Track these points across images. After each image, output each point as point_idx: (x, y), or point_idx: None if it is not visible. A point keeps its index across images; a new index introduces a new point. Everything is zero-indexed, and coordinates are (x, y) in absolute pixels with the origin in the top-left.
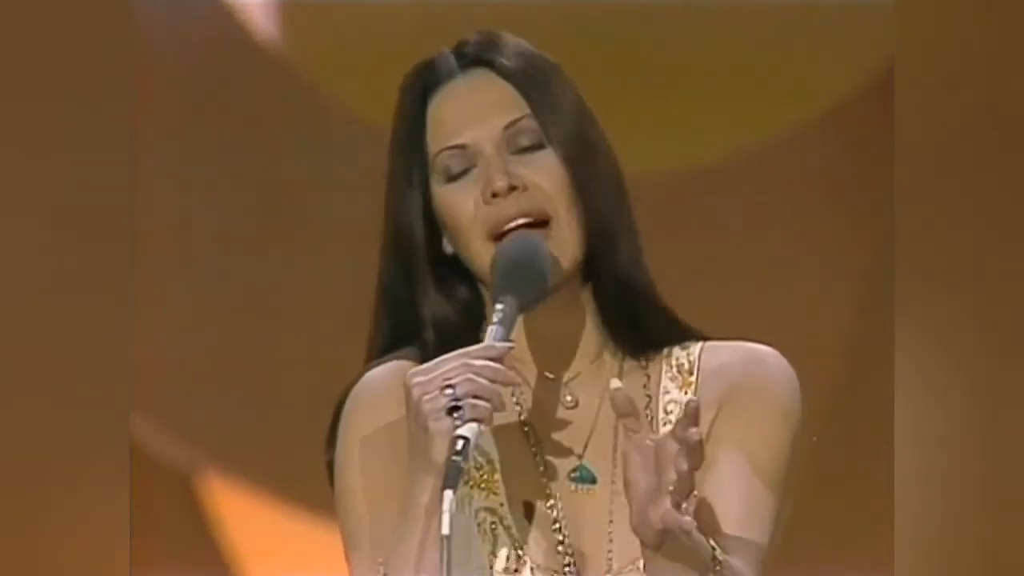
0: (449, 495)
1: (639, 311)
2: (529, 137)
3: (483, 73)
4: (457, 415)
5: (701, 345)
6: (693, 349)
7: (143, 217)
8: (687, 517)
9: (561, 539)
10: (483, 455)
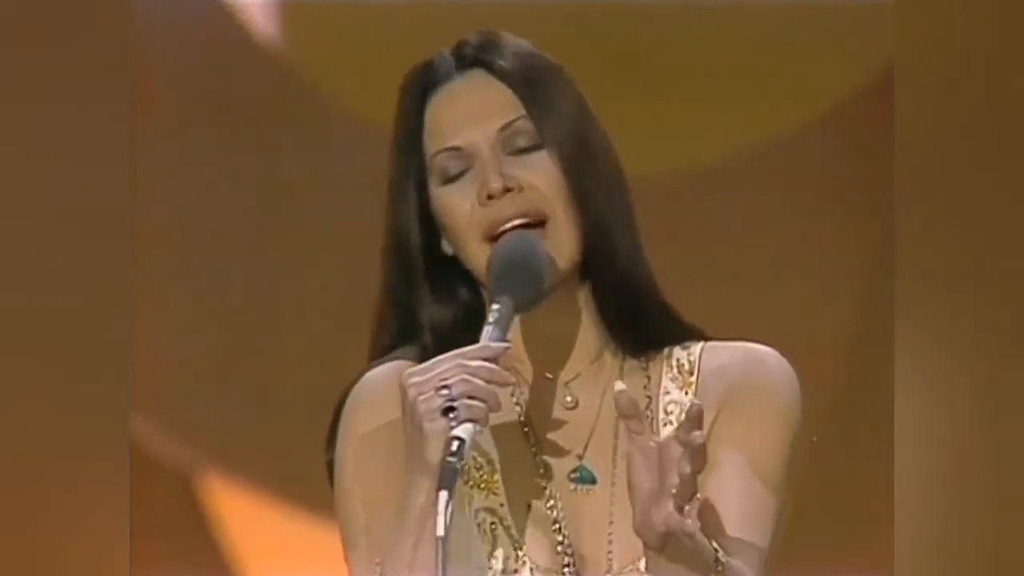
0: (444, 496)
1: (639, 311)
2: (526, 138)
3: (480, 75)
4: (452, 416)
5: (702, 345)
6: (694, 349)
7: (143, 217)
8: (690, 520)
9: (561, 539)
10: (483, 455)
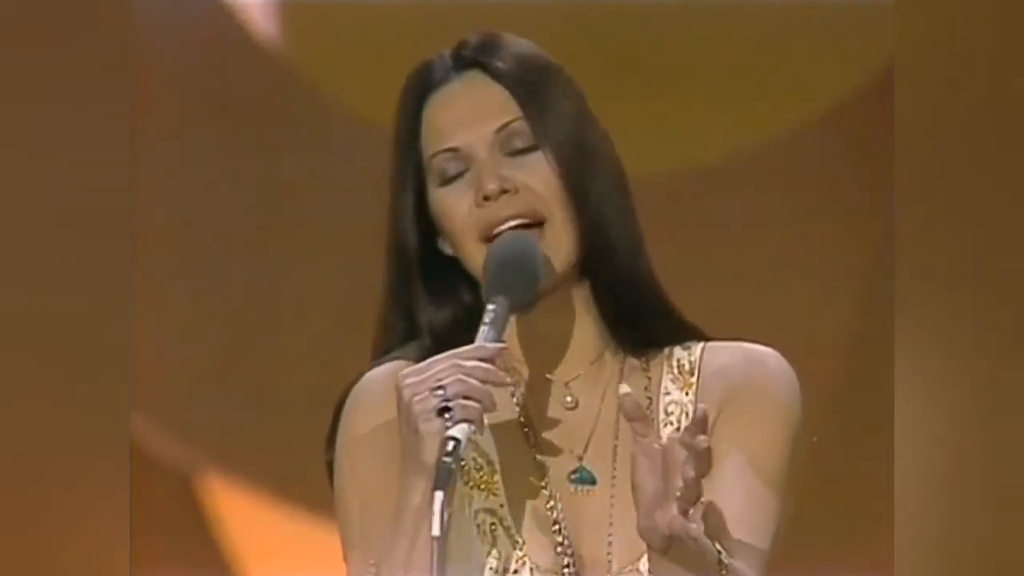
0: (439, 496)
1: (640, 310)
2: (522, 140)
3: (477, 76)
4: (448, 416)
5: (702, 346)
6: (694, 349)
7: (143, 217)
8: (694, 524)
9: (561, 540)
10: (483, 456)
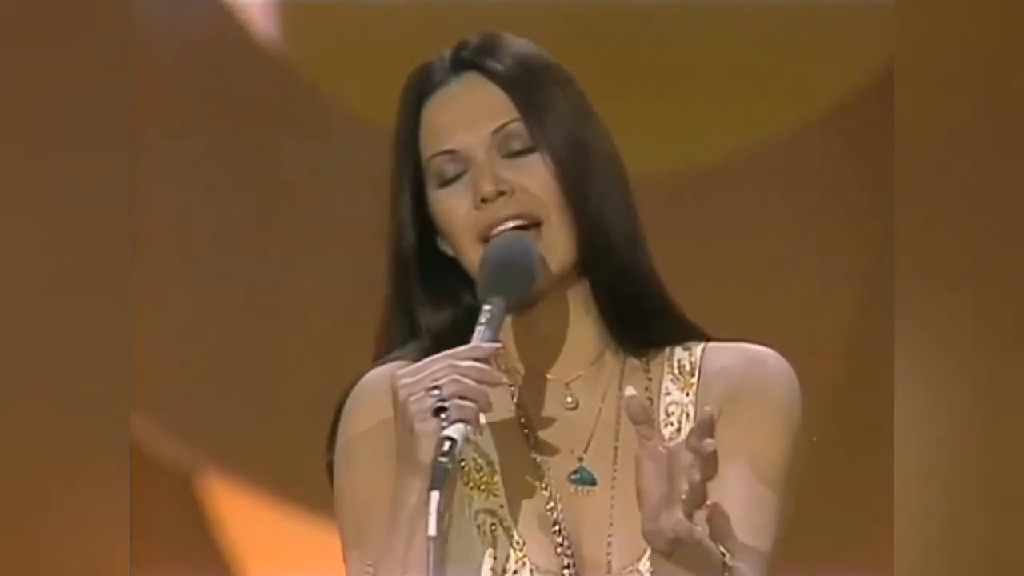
0: (435, 496)
1: (640, 310)
2: (520, 141)
3: (475, 78)
4: (443, 416)
5: (703, 346)
6: (695, 350)
7: (143, 217)
8: (699, 527)
9: (561, 541)
10: (483, 457)
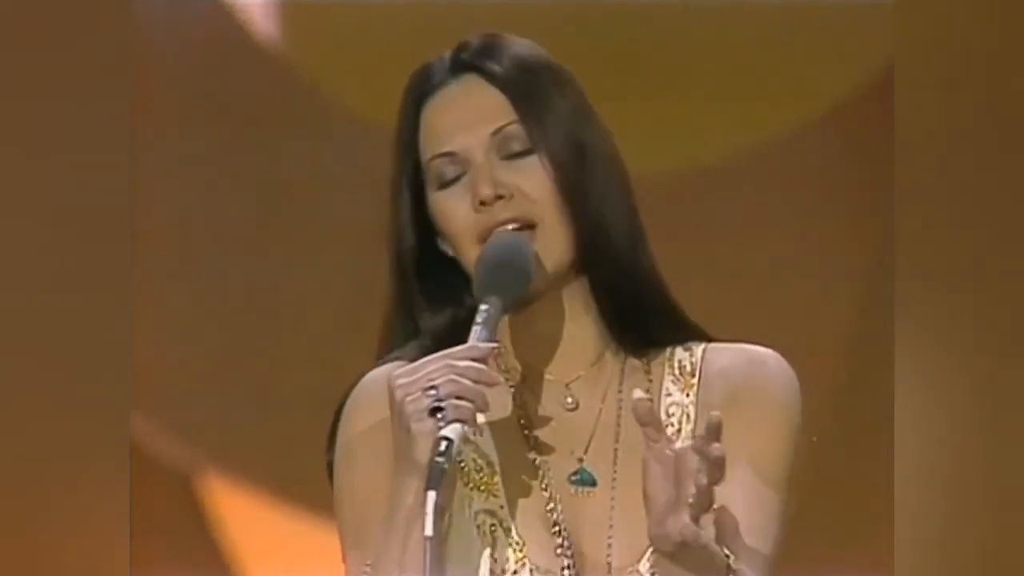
0: (431, 496)
1: (640, 310)
2: (519, 143)
3: (474, 79)
4: (440, 416)
5: (704, 346)
6: (696, 350)
7: (143, 217)
8: (705, 530)
9: (560, 541)
10: (483, 457)
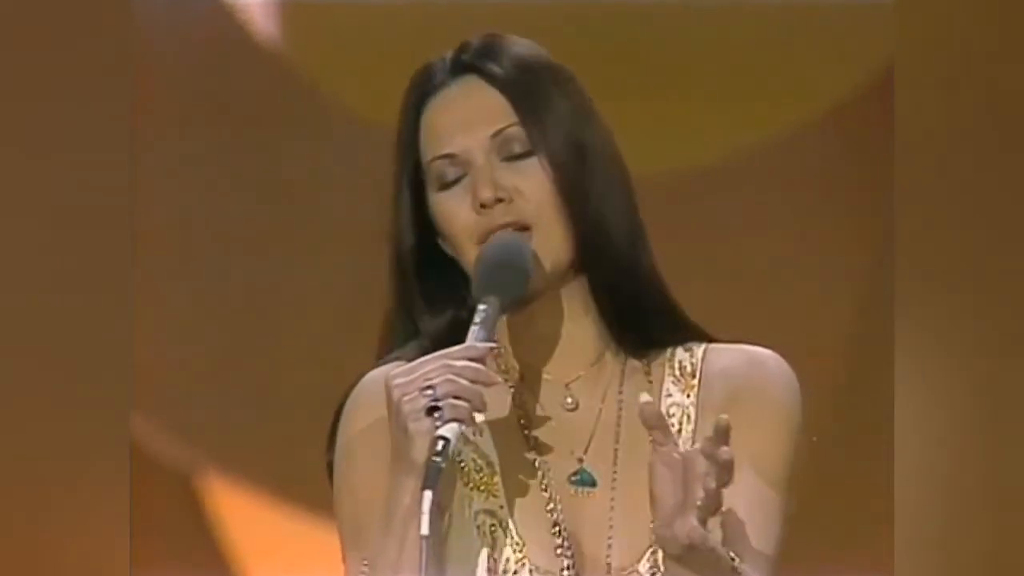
0: (428, 495)
1: (640, 311)
2: (520, 144)
3: (474, 80)
4: (437, 415)
5: (704, 347)
6: (696, 351)
7: (143, 217)
8: (712, 533)
9: (560, 542)
10: (483, 457)
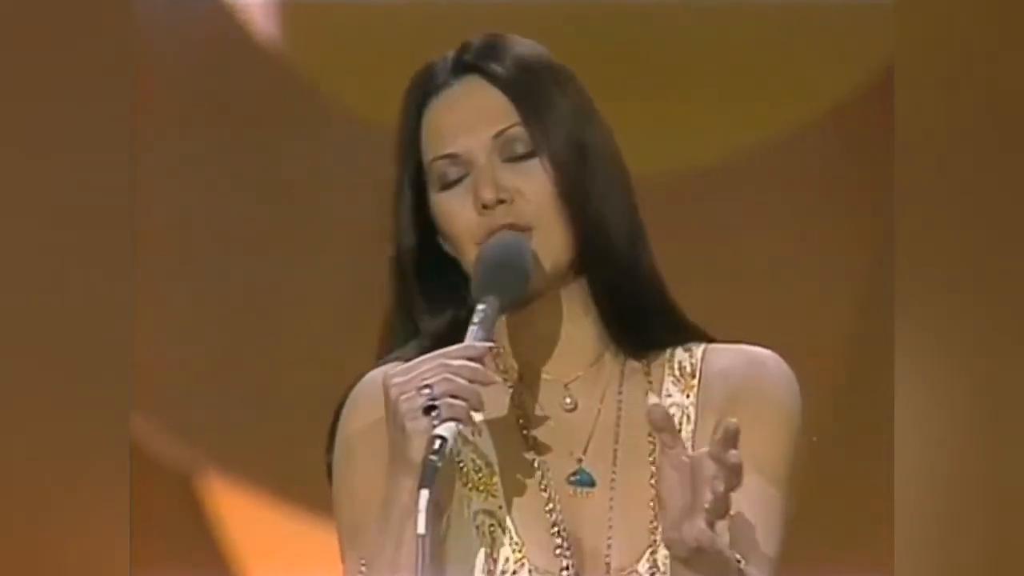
0: (424, 494)
1: (640, 312)
2: (522, 145)
3: (476, 80)
4: (434, 415)
5: (704, 347)
6: (696, 351)
7: (143, 217)
8: (720, 536)
9: (559, 542)
10: (482, 458)
